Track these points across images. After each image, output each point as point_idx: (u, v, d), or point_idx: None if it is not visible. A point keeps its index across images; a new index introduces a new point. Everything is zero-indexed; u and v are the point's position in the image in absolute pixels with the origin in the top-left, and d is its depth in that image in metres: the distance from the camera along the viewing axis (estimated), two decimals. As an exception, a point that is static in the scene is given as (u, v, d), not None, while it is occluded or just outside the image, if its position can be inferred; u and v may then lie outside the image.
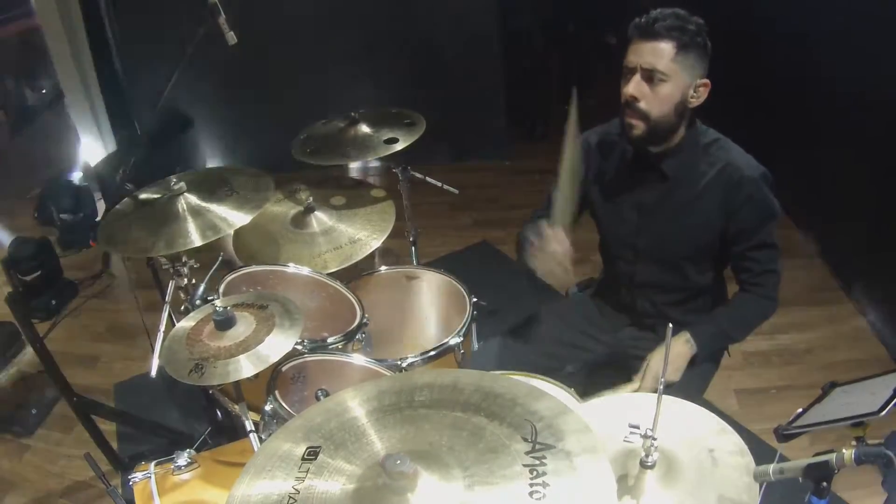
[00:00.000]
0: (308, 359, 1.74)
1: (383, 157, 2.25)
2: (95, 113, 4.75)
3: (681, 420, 1.30)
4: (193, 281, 1.97)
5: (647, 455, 1.15)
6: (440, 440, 1.02)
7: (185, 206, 1.86)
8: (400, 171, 2.48)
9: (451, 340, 1.91)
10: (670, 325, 1.10)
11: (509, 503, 0.91)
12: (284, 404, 1.59)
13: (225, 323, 1.46)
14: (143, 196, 1.96)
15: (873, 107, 2.82)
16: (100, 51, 4.58)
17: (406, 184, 2.50)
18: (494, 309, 1.95)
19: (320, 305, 1.96)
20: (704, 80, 1.63)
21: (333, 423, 1.10)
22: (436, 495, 0.93)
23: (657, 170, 1.74)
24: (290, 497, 0.97)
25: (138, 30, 4.31)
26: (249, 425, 1.54)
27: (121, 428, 2.61)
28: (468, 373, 1.17)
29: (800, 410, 1.17)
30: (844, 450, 0.98)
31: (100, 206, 4.10)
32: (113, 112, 4.76)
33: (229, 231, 1.82)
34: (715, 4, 2.12)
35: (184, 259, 1.95)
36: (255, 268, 1.99)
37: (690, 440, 1.24)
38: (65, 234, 3.99)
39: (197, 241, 1.77)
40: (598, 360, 2.01)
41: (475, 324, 2.03)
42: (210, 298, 1.80)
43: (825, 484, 1.01)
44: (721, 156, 1.69)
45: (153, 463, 1.63)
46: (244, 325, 1.48)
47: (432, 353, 1.88)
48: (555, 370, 1.85)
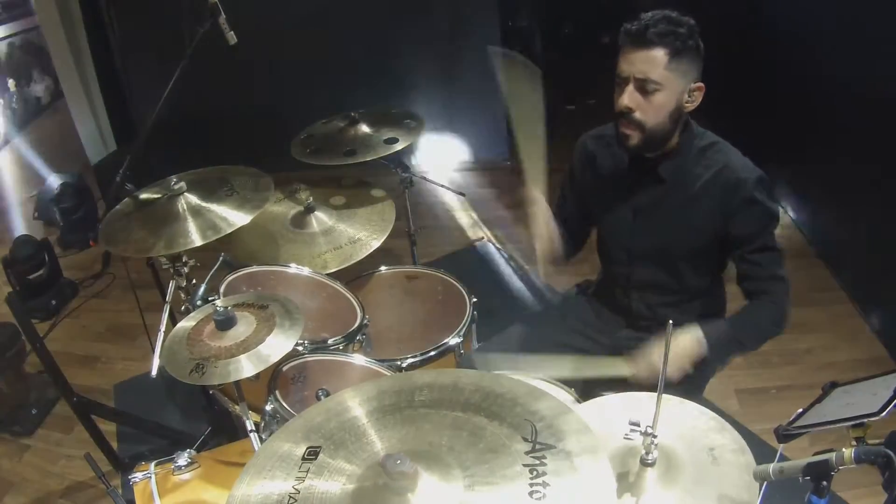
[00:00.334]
0: (308, 359, 1.74)
1: (383, 157, 2.25)
2: (95, 113, 4.76)
3: (681, 418, 1.30)
4: (194, 281, 1.98)
5: (648, 453, 1.15)
6: (440, 440, 1.03)
7: (186, 206, 1.86)
8: (400, 171, 2.48)
9: (451, 340, 1.92)
10: (670, 322, 1.08)
11: (509, 503, 0.91)
12: (285, 404, 1.59)
13: (226, 323, 1.46)
14: (143, 196, 1.96)
15: (874, 106, 2.82)
16: (100, 51, 4.58)
17: (406, 184, 2.50)
18: (494, 309, 1.95)
19: (320, 305, 1.96)
20: (699, 84, 1.60)
21: (333, 423, 1.11)
22: (436, 495, 0.93)
23: (653, 173, 1.73)
24: (291, 497, 0.98)
25: (138, 30, 4.31)
26: (250, 425, 1.54)
27: (121, 428, 2.60)
28: (468, 373, 1.18)
29: (800, 410, 1.17)
30: (844, 449, 0.98)
31: (100, 206, 4.10)
32: (113, 112, 4.77)
33: (229, 231, 1.82)
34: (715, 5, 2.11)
35: (184, 259, 1.95)
36: (256, 268, 1.99)
37: (691, 438, 1.24)
38: (65, 234, 3.99)
39: (197, 241, 1.77)
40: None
41: (475, 324, 2.03)
42: (211, 298, 1.81)
43: (825, 483, 1.01)
44: (718, 159, 1.67)
45: (153, 463, 1.63)
46: (245, 325, 1.48)
47: (432, 353, 1.88)
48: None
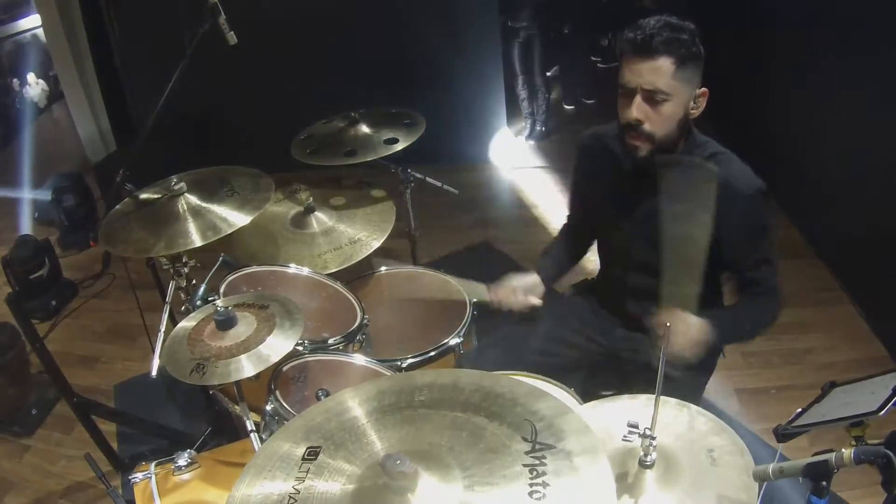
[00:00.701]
0: (308, 359, 1.74)
1: (383, 157, 2.25)
2: (95, 113, 4.76)
3: (680, 420, 1.30)
4: (194, 281, 1.98)
5: (646, 454, 1.15)
6: (440, 440, 1.03)
7: (186, 207, 1.86)
8: (400, 171, 2.48)
9: (451, 340, 1.91)
10: (668, 324, 1.10)
11: (509, 503, 0.91)
12: (285, 404, 1.59)
13: (226, 323, 1.46)
14: (143, 196, 1.96)
15: (874, 106, 2.82)
16: (100, 51, 4.58)
17: (406, 184, 2.50)
18: (494, 309, 1.96)
19: (320, 306, 1.96)
20: (703, 90, 1.58)
21: (334, 423, 1.11)
22: (436, 495, 0.93)
23: (653, 181, 1.72)
24: (291, 497, 0.98)
25: (138, 30, 4.30)
26: (250, 425, 1.54)
27: (121, 428, 2.61)
28: (468, 373, 1.17)
29: (799, 410, 1.17)
30: (844, 449, 0.99)
31: (100, 207, 4.10)
32: (113, 112, 4.76)
33: (229, 231, 1.82)
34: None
35: (184, 259, 1.95)
36: (256, 268, 1.99)
37: (690, 440, 1.24)
38: (65, 235, 4.00)
39: (197, 242, 1.77)
40: (592, 360, 2.01)
41: (475, 324, 2.03)
42: (211, 298, 1.81)
43: (825, 483, 1.01)
44: (719, 170, 1.63)
45: (153, 463, 1.62)
46: (245, 326, 1.48)
47: (432, 353, 1.88)
48: (551, 367, 1.85)
